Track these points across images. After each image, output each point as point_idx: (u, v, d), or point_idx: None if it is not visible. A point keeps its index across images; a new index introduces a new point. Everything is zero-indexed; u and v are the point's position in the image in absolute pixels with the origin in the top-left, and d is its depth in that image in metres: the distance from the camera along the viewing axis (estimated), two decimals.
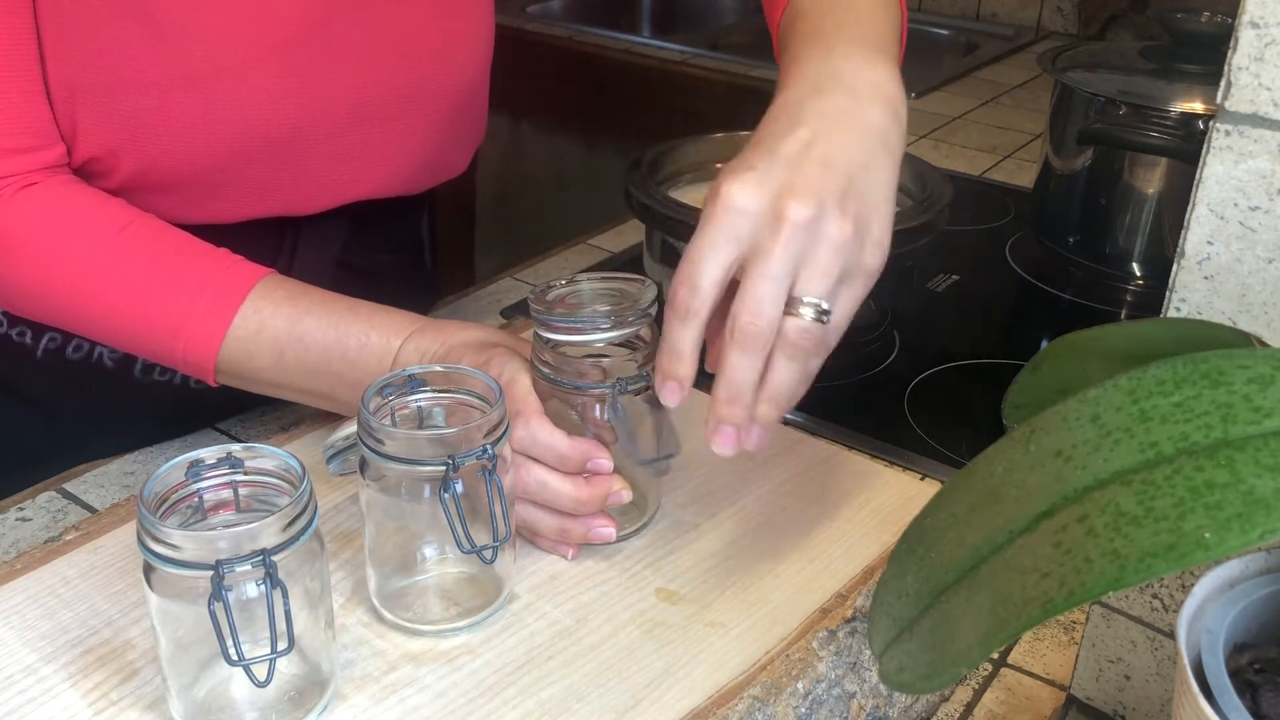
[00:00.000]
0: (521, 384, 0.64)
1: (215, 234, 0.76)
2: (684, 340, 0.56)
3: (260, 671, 0.50)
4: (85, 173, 0.73)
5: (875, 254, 0.56)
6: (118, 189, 0.73)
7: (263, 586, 0.50)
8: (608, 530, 0.64)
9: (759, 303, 0.53)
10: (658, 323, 0.60)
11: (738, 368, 0.54)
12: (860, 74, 0.58)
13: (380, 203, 0.84)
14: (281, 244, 0.82)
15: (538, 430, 0.62)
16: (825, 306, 0.54)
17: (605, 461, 0.62)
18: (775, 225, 0.53)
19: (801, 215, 0.53)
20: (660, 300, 0.61)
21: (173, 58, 0.70)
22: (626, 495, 0.63)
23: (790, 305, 0.54)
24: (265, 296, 0.69)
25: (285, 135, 0.75)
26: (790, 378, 0.56)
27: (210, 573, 0.49)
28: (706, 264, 0.54)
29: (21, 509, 0.73)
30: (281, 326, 0.69)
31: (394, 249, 0.93)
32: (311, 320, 0.69)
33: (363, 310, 0.70)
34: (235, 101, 0.72)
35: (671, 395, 0.57)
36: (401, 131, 0.81)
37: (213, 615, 0.49)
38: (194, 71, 0.70)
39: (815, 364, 0.56)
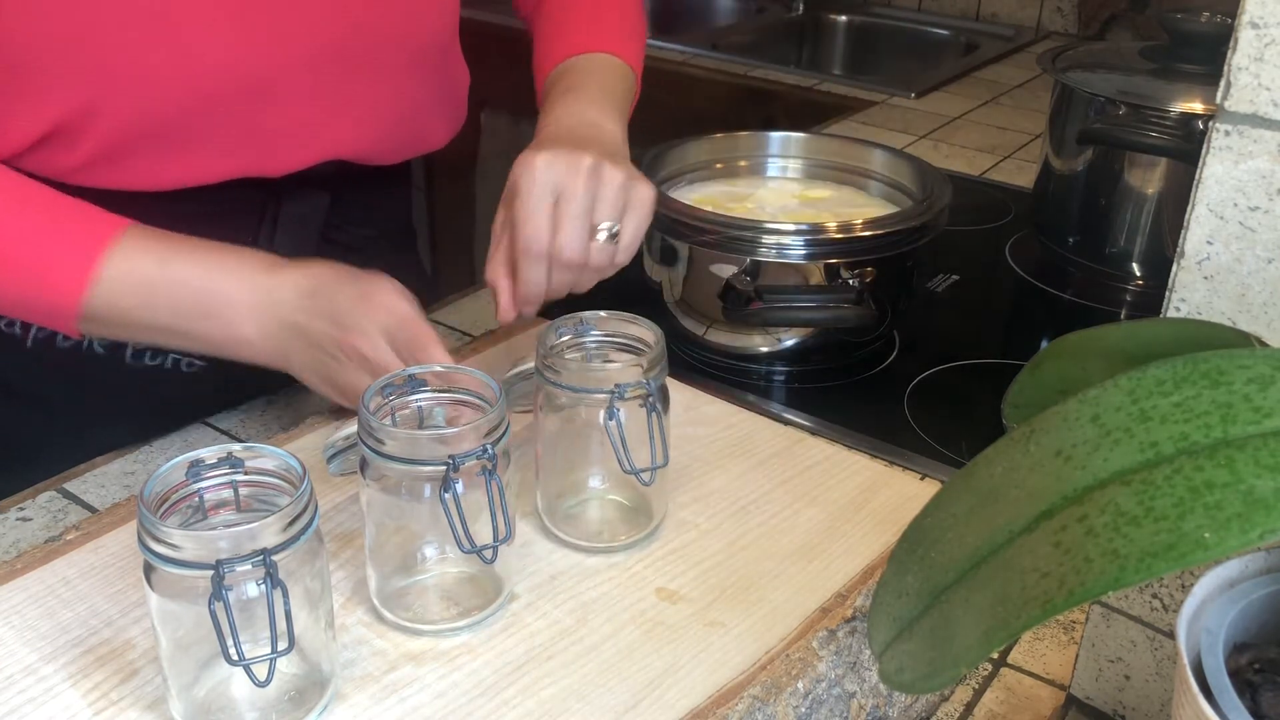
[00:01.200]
0: (408, 314, 0.68)
1: (196, 205, 0.75)
2: (542, 276, 0.73)
3: (260, 671, 0.50)
4: (59, 138, 0.72)
5: (645, 189, 0.75)
6: (94, 155, 0.72)
7: (263, 586, 0.50)
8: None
9: (573, 237, 0.72)
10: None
11: (560, 283, 0.74)
12: (600, 121, 0.81)
13: (358, 172, 0.83)
14: (263, 217, 0.82)
15: (426, 344, 0.67)
16: (615, 229, 0.73)
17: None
18: (573, 174, 0.71)
19: (589, 163, 0.72)
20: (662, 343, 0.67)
21: (137, 2, 0.69)
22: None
23: (591, 232, 0.73)
24: (134, 240, 0.69)
25: (254, 76, 0.74)
26: (590, 284, 0.76)
27: (210, 572, 0.49)
28: (539, 216, 0.71)
29: (21, 509, 0.73)
30: (151, 266, 0.69)
31: (379, 224, 0.92)
32: (182, 259, 0.69)
33: (233, 249, 0.71)
34: (202, 42, 0.71)
35: (521, 314, 0.76)
36: (368, 79, 0.80)
37: (213, 615, 0.49)
38: (158, 15, 0.70)
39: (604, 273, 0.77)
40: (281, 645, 0.50)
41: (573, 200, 0.71)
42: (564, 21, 0.90)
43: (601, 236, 0.73)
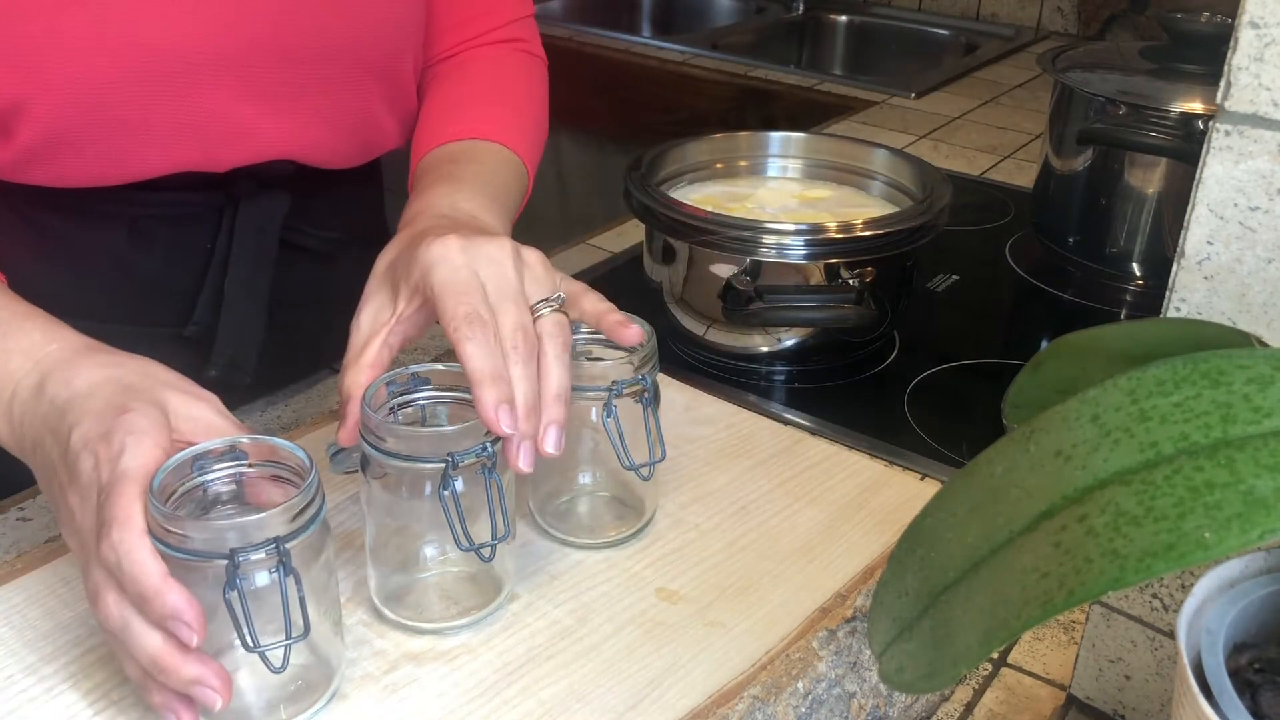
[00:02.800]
0: (132, 478, 0.51)
1: (153, 208, 0.75)
2: (500, 363, 0.59)
3: (276, 658, 0.51)
4: None
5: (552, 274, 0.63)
6: (30, 148, 0.70)
7: (275, 574, 0.50)
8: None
9: (516, 322, 0.58)
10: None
11: (523, 380, 0.58)
12: (478, 214, 0.71)
13: (317, 175, 0.81)
14: (220, 223, 0.79)
15: (128, 551, 0.49)
16: (559, 295, 0.61)
17: (189, 631, 0.49)
18: (499, 257, 0.60)
19: (508, 244, 0.61)
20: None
21: None
22: (217, 701, 0.50)
23: (533, 313, 0.60)
24: None
25: (184, 58, 0.71)
26: (563, 370, 0.60)
27: (225, 562, 0.49)
28: (475, 295, 0.59)
29: (22, 509, 0.73)
30: None
31: (347, 229, 0.89)
32: None
33: (43, 324, 0.60)
34: (127, 18, 0.69)
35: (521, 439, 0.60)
36: (313, 82, 0.77)
37: (228, 604, 0.49)
38: None
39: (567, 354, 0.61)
40: (297, 631, 0.51)
41: (504, 289, 0.60)
42: (454, 104, 0.83)
43: (547, 311, 0.61)
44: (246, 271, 0.80)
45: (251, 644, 0.50)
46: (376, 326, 0.62)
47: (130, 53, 0.69)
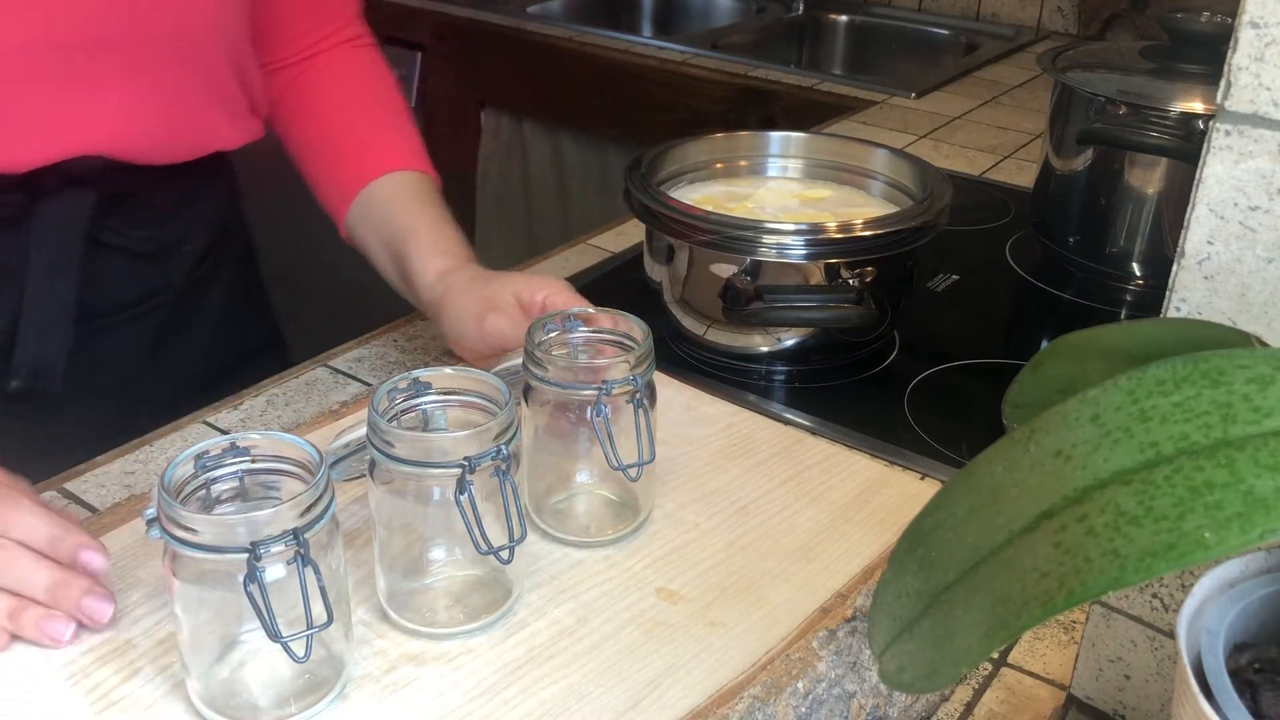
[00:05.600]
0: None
1: None
2: None
3: (299, 647, 0.51)
4: None
5: None
6: None
7: (293, 565, 0.51)
8: (61, 627, 0.58)
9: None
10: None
11: None
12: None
13: (135, 172, 0.77)
14: (19, 224, 0.75)
15: (20, 517, 0.57)
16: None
17: (98, 556, 0.57)
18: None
19: None
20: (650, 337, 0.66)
21: None
22: (102, 611, 0.58)
23: None
24: None
25: None
26: None
27: (244, 555, 0.50)
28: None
29: None
30: None
31: (182, 228, 0.85)
32: None
33: None
34: None
35: None
36: (119, 69, 0.73)
37: (250, 596, 0.50)
38: None
39: None
40: (319, 621, 0.51)
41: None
42: (366, 133, 0.89)
43: None
44: (46, 274, 0.75)
45: (275, 634, 0.50)
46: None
47: None
